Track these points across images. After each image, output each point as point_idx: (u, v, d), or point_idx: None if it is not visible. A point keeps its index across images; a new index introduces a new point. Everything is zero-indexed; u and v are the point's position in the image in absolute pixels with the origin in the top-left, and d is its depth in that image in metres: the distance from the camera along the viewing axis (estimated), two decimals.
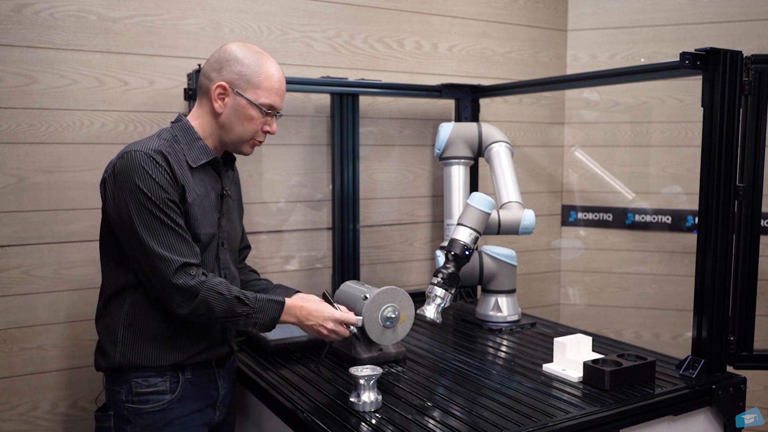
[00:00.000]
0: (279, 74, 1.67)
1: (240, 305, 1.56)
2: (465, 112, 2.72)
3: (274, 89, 1.64)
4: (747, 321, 1.84)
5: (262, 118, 1.65)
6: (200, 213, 1.61)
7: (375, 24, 2.62)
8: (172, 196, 1.54)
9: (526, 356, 1.98)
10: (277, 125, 1.70)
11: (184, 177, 1.58)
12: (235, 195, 1.83)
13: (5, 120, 2.03)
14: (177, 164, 1.57)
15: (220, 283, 1.55)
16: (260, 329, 1.62)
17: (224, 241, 1.71)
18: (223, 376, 1.75)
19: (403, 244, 2.78)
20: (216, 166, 1.68)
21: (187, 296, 1.52)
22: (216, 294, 1.53)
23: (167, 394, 1.62)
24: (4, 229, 2.05)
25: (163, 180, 1.52)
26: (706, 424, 1.74)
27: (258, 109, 1.63)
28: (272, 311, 1.61)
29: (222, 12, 2.32)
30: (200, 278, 1.53)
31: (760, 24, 2.78)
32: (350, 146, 2.53)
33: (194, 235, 1.59)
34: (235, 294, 1.56)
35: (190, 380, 1.66)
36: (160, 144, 1.58)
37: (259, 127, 1.65)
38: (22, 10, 2.03)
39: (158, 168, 1.52)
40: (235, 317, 1.57)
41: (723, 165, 1.73)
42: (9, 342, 2.08)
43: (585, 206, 3.12)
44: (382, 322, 1.83)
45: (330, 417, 1.52)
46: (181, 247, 1.53)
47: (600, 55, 3.03)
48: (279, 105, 1.67)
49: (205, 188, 1.65)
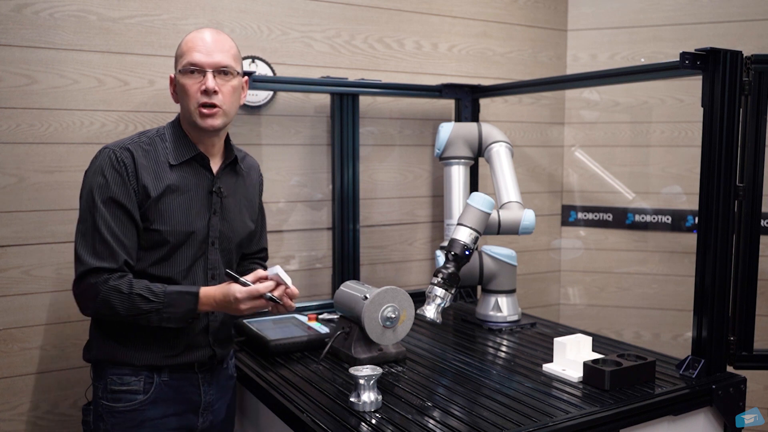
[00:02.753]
0: (199, 34, 1.61)
1: (144, 302, 1.52)
2: (465, 112, 2.72)
3: (191, 48, 1.59)
4: (747, 321, 1.84)
5: (192, 81, 1.58)
6: (173, 209, 1.59)
7: (375, 24, 2.62)
8: (120, 196, 1.53)
9: (526, 356, 1.98)
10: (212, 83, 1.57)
11: (156, 173, 1.57)
12: (244, 197, 1.78)
13: (5, 120, 2.03)
14: (151, 161, 1.57)
15: (124, 283, 1.51)
16: (177, 323, 1.56)
17: (215, 240, 1.67)
18: (210, 382, 1.72)
19: (403, 244, 2.78)
20: (203, 162, 1.66)
21: (88, 297, 1.52)
22: (116, 293, 1.50)
23: (140, 395, 1.61)
24: (4, 229, 2.05)
25: (116, 179, 1.53)
26: (706, 424, 1.74)
27: (182, 73, 1.59)
28: (185, 303, 1.55)
29: (222, 12, 2.32)
30: (104, 277, 1.51)
31: (760, 24, 2.78)
32: (350, 146, 2.53)
33: (159, 234, 1.58)
34: (136, 291, 1.51)
35: (167, 383, 1.64)
36: (136, 141, 1.59)
37: (195, 91, 1.58)
38: (22, 10, 2.03)
39: (115, 166, 1.54)
40: (142, 314, 1.52)
41: (723, 165, 1.73)
42: (9, 342, 2.08)
43: (585, 206, 3.12)
44: (382, 322, 1.83)
45: (330, 417, 1.52)
46: (102, 250, 1.52)
47: (600, 55, 3.03)
48: (201, 60, 1.58)
49: (188, 186, 1.62)
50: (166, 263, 1.61)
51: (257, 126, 2.43)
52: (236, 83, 1.64)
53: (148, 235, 1.59)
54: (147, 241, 1.59)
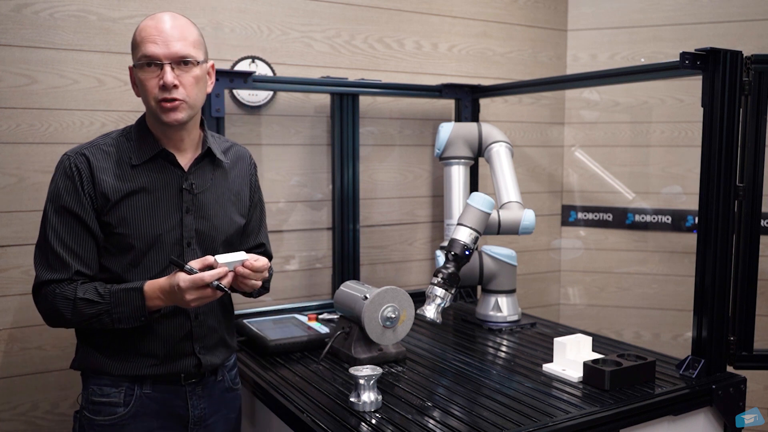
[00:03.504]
0: (152, 21, 1.48)
1: (88, 306, 1.44)
2: (465, 112, 2.72)
3: (146, 38, 1.46)
4: (747, 321, 1.84)
5: (150, 75, 1.46)
6: (138, 211, 1.50)
7: (375, 24, 2.62)
8: (73, 205, 1.46)
9: (526, 356, 1.98)
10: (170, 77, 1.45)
11: (118, 176, 1.49)
12: (235, 191, 1.67)
13: (5, 120, 2.03)
14: (112, 163, 1.50)
15: (70, 289, 1.45)
16: (130, 323, 1.46)
17: (191, 241, 1.56)
18: (200, 395, 1.61)
19: (403, 244, 2.78)
20: (169, 158, 1.54)
21: (42, 309, 1.48)
22: (63, 300, 1.44)
23: (120, 407, 1.52)
24: (4, 229, 2.05)
25: (68, 187, 1.47)
26: (706, 424, 1.74)
27: (138, 68, 1.48)
28: (132, 300, 1.45)
29: (222, 12, 2.32)
30: (53, 287, 1.45)
31: (760, 24, 2.78)
32: (350, 146, 2.53)
33: (124, 238, 1.49)
34: (80, 296, 1.44)
35: (150, 395, 1.54)
36: (96, 144, 1.52)
37: (153, 86, 1.46)
38: (22, 10, 2.03)
39: (68, 173, 1.48)
40: (93, 318, 1.45)
41: (723, 165, 1.72)
42: (9, 342, 2.08)
43: (585, 206, 3.12)
44: (382, 322, 1.83)
45: (330, 417, 1.52)
46: (53, 261, 1.46)
47: (600, 55, 3.03)
48: (157, 51, 1.45)
49: (155, 185, 1.52)
50: (137, 268, 1.51)
51: (257, 126, 2.44)
52: (199, 73, 1.50)
53: (114, 240, 1.50)
54: (114, 246, 1.51)
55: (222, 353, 1.66)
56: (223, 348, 1.67)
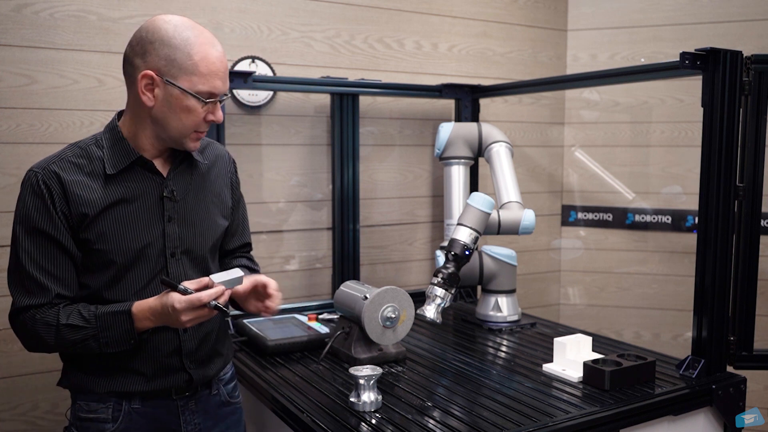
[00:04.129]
0: (216, 53, 1.38)
1: (73, 331, 1.35)
2: (465, 112, 2.72)
3: (213, 72, 1.37)
4: (747, 321, 1.84)
5: (203, 108, 1.39)
6: (118, 225, 1.41)
7: (375, 24, 2.62)
8: (45, 226, 1.36)
9: (526, 356, 1.98)
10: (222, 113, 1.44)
11: (92, 189, 1.39)
12: (216, 192, 1.57)
13: (5, 120, 2.03)
14: (84, 175, 1.39)
15: (51, 314, 1.36)
16: (118, 346, 1.38)
17: (175, 251, 1.47)
18: (193, 409, 1.54)
19: (403, 244, 2.78)
20: (147, 165, 1.44)
21: (22, 335, 1.41)
22: (44, 326, 1.36)
23: (109, 423, 1.45)
24: (4, 229, 2.05)
25: (38, 206, 1.36)
26: (706, 424, 1.74)
27: (195, 98, 1.37)
28: (120, 324, 1.36)
29: (222, 12, 2.32)
30: (32, 313, 1.37)
31: (760, 24, 2.78)
32: (350, 146, 2.53)
33: (104, 254, 1.40)
34: (64, 322, 1.35)
35: (139, 411, 1.47)
36: (64, 156, 1.41)
37: (200, 118, 1.40)
38: (22, 10, 2.03)
39: (36, 191, 1.36)
40: (78, 344, 1.37)
41: (723, 165, 1.72)
42: (9, 342, 2.08)
43: (585, 206, 3.12)
44: (382, 322, 1.83)
45: (330, 417, 1.52)
46: (30, 285, 1.37)
47: (600, 55, 3.03)
48: (221, 89, 1.40)
49: (134, 195, 1.42)
50: (118, 284, 1.42)
51: (257, 126, 2.43)
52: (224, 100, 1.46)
53: (93, 257, 1.40)
54: (93, 263, 1.41)
55: (216, 364, 1.58)
56: (217, 358, 1.58)
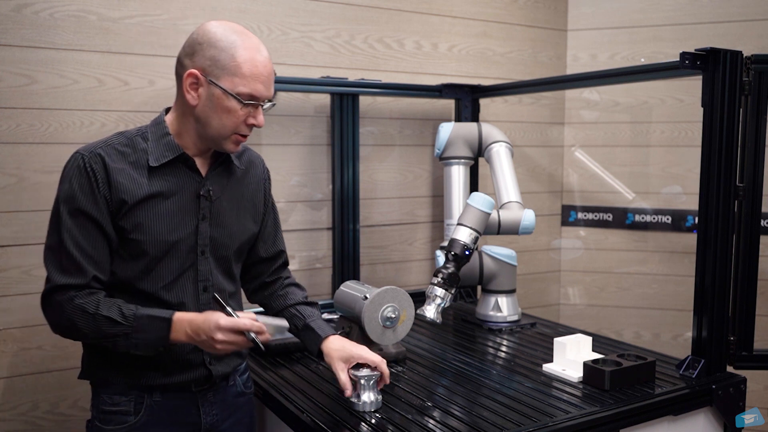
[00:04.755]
0: (261, 57, 1.43)
1: (110, 325, 1.37)
2: (465, 112, 2.72)
3: (255, 75, 1.42)
4: (747, 321, 1.84)
5: (243, 110, 1.43)
6: (154, 217, 1.44)
7: (375, 24, 2.62)
8: (89, 207, 1.38)
9: (526, 356, 1.98)
10: (264, 117, 1.49)
11: (134, 179, 1.42)
12: (249, 197, 1.63)
13: (5, 120, 2.03)
14: (127, 164, 1.42)
15: (91, 302, 1.38)
16: (146, 350, 1.41)
17: (205, 249, 1.51)
18: (212, 401, 1.57)
19: (403, 244, 2.78)
20: (188, 162, 1.49)
21: (54, 315, 1.40)
22: (81, 313, 1.37)
23: (130, 416, 1.48)
24: (4, 229, 2.05)
25: (84, 187, 1.38)
26: (706, 424, 1.74)
27: (236, 99, 1.41)
28: (156, 330, 1.39)
29: (222, 12, 2.32)
30: (69, 295, 1.37)
31: (760, 24, 2.78)
32: (350, 146, 2.53)
33: (138, 244, 1.43)
34: (103, 313, 1.37)
35: (160, 403, 1.50)
36: (111, 143, 1.44)
37: (240, 120, 1.44)
38: (22, 10, 2.03)
39: (83, 173, 1.39)
40: (110, 338, 1.38)
41: (723, 165, 1.73)
42: (9, 342, 2.08)
43: (585, 206, 3.12)
44: (382, 322, 1.83)
45: (330, 417, 1.52)
46: (69, 265, 1.38)
47: (600, 55, 3.03)
48: (263, 93, 1.44)
49: (172, 189, 1.46)
50: (149, 276, 1.46)
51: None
52: (267, 107, 1.51)
53: (128, 246, 1.44)
54: (127, 251, 1.44)
55: (233, 361, 1.62)
56: (234, 355, 1.62)
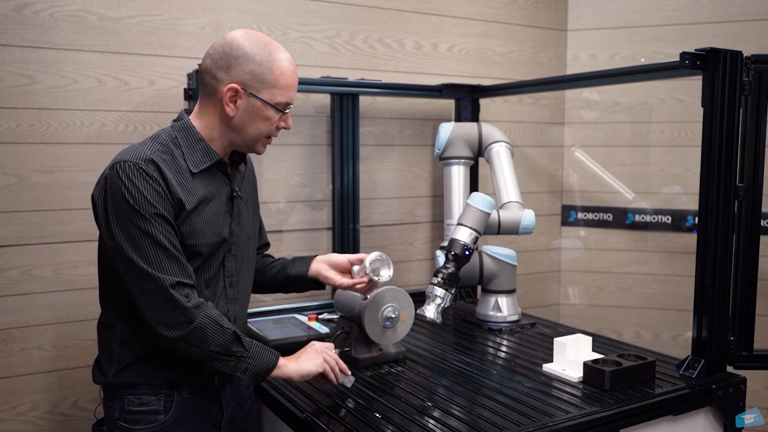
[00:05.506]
0: (293, 67, 1.53)
1: (236, 344, 1.44)
2: (465, 112, 2.72)
3: (290, 85, 1.51)
4: (747, 321, 1.84)
5: (278, 117, 1.53)
6: (204, 222, 1.50)
7: (375, 24, 2.62)
8: (163, 211, 1.41)
9: (526, 356, 1.98)
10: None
11: (183, 185, 1.46)
12: (249, 193, 1.70)
13: (5, 120, 2.03)
14: (174, 171, 1.46)
15: (219, 315, 1.45)
16: (249, 378, 1.48)
17: (232, 247, 1.58)
18: (230, 393, 1.62)
19: (403, 244, 2.78)
20: (222, 167, 1.56)
21: (183, 318, 1.40)
22: (215, 324, 1.42)
23: (161, 414, 1.51)
24: (4, 229, 2.05)
25: (152, 193, 1.40)
26: (706, 424, 1.74)
27: (274, 108, 1.50)
28: (266, 361, 1.49)
29: (222, 12, 2.32)
30: (196, 301, 1.42)
31: (760, 24, 2.78)
32: (350, 146, 2.53)
33: (194, 248, 1.48)
34: (233, 329, 1.45)
35: (188, 399, 1.54)
36: (153, 150, 1.45)
37: (274, 126, 1.54)
38: (22, 10, 2.03)
39: (148, 180, 1.40)
40: (228, 356, 1.44)
41: (723, 165, 1.72)
42: (9, 342, 2.08)
43: (585, 206, 3.12)
44: (382, 322, 1.83)
45: (330, 417, 1.52)
46: (172, 266, 1.41)
47: (600, 55, 3.03)
48: (294, 100, 1.55)
49: (212, 193, 1.53)
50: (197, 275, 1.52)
51: None
52: None
53: (184, 250, 1.48)
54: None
55: None
56: None
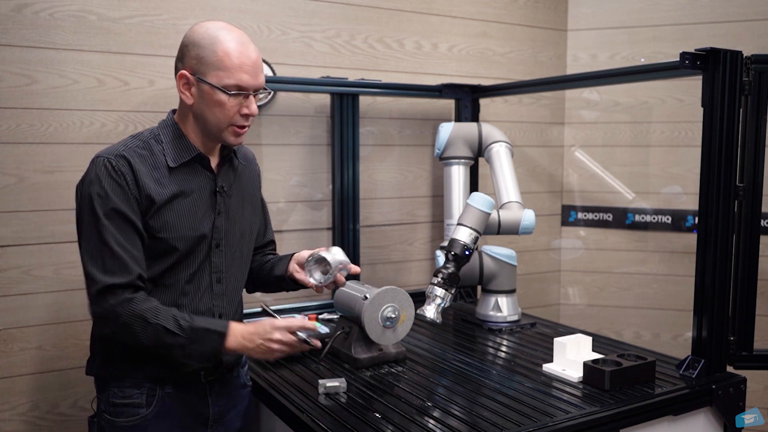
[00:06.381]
0: (242, 48, 1.47)
1: (168, 335, 1.42)
2: (465, 112, 2.72)
3: (237, 66, 1.45)
4: (747, 321, 1.84)
5: (233, 101, 1.47)
6: (178, 216, 1.50)
7: (375, 24, 2.62)
8: (123, 207, 1.43)
9: (526, 356, 1.98)
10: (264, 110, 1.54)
11: (158, 180, 1.48)
12: (247, 191, 1.69)
13: (5, 120, 2.03)
14: (150, 167, 1.48)
15: (148, 309, 1.42)
16: (201, 361, 1.49)
17: (220, 242, 1.58)
18: (219, 392, 1.63)
19: (403, 244, 2.78)
20: (204, 162, 1.56)
21: (108, 320, 1.43)
22: (140, 321, 1.41)
23: (142, 408, 1.52)
24: (4, 229, 2.05)
25: (115, 189, 1.43)
26: (706, 424, 1.74)
27: (223, 92, 1.46)
28: (210, 343, 1.45)
29: (222, 12, 2.32)
30: (124, 297, 1.41)
31: (760, 24, 2.78)
32: (350, 146, 2.53)
33: (166, 242, 1.49)
34: (162, 323, 1.41)
35: (171, 395, 1.55)
36: (130, 146, 1.49)
37: (233, 112, 1.48)
38: (22, 10, 2.03)
39: (112, 176, 1.44)
40: (166, 347, 1.43)
41: (723, 165, 1.73)
42: (9, 342, 2.08)
43: (585, 206, 3.12)
44: (382, 322, 1.83)
45: (330, 417, 1.52)
46: (113, 265, 1.41)
47: (600, 55, 3.03)
48: (249, 83, 1.47)
49: (191, 188, 1.53)
50: (173, 271, 1.52)
51: (257, 126, 2.43)
52: (261, 96, 1.56)
53: (156, 244, 1.50)
54: (155, 249, 1.50)
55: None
56: None
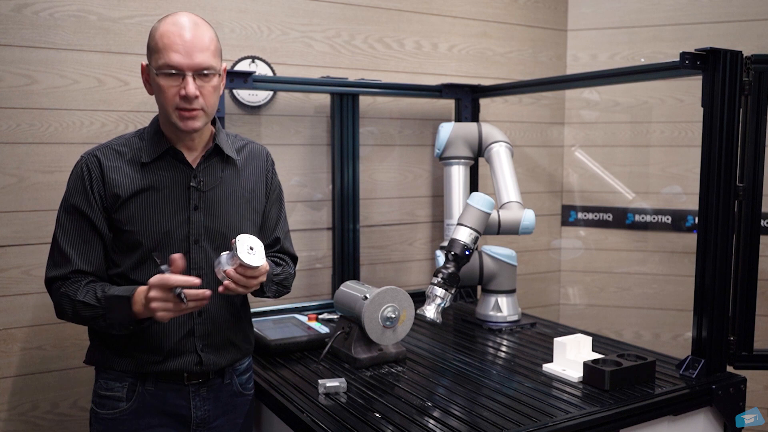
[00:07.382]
0: (173, 28, 1.45)
1: (86, 309, 1.47)
2: (465, 112, 2.72)
3: (168, 46, 1.43)
4: (747, 321, 1.84)
5: (172, 82, 1.45)
6: (145, 209, 1.51)
7: (375, 24, 2.62)
8: (82, 204, 1.50)
9: (526, 356, 1.98)
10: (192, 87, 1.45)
11: (128, 175, 1.51)
12: (248, 187, 1.64)
13: (5, 120, 2.03)
14: (123, 162, 1.52)
15: (72, 289, 1.48)
16: (121, 329, 1.47)
17: (199, 238, 1.55)
18: (204, 396, 1.60)
19: (403, 244, 2.78)
20: (178, 156, 1.55)
21: (53, 301, 1.53)
22: (66, 299, 1.49)
23: (122, 402, 1.54)
24: (4, 229, 2.05)
25: (79, 186, 1.51)
26: (706, 424, 1.74)
27: (158, 74, 1.45)
28: (122, 309, 1.44)
29: (222, 12, 2.32)
30: (57, 285, 1.51)
31: (760, 24, 2.78)
32: (350, 146, 2.53)
33: (132, 235, 1.51)
34: (80, 299, 1.46)
35: (152, 392, 1.55)
36: (110, 144, 1.56)
37: (172, 94, 1.46)
38: (22, 10, 2.03)
39: (79, 174, 1.52)
40: (90, 320, 1.48)
41: (723, 165, 1.73)
42: (9, 342, 2.08)
43: (585, 206, 3.12)
44: (382, 322, 1.83)
45: (330, 417, 1.52)
46: (59, 259, 1.51)
47: (600, 55, 3.03)
48: (180, 62, 1.43)
49: (162, 183, 1.53)
50: (144, 266, 1.52)
51: (257, 126, 2.43)
52: (216, 82, 1.51)
53: (123, 238, 1.52)
54: (122, 243, 1.52)
55: (229, 355, 1.63)
56: (232, 349, 1.64)
